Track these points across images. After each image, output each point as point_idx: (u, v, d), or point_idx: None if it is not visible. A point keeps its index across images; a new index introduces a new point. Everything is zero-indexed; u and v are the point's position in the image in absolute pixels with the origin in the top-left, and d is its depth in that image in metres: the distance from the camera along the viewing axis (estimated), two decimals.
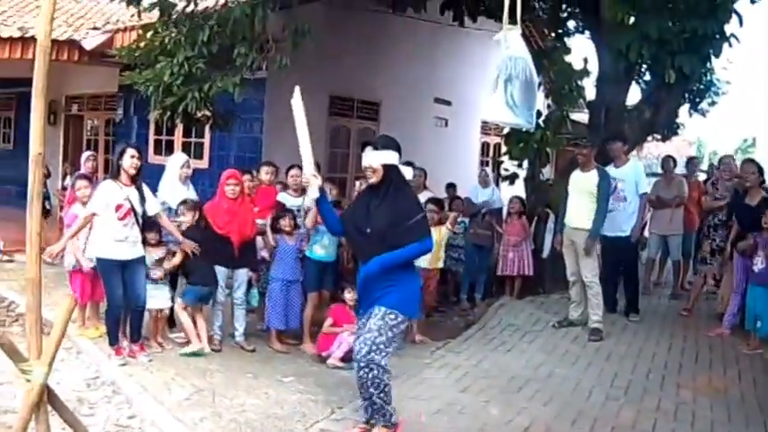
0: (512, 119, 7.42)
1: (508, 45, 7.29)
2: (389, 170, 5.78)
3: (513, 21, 7.25)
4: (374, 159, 5.78)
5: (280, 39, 9.23)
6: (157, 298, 8.15)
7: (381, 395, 5.64)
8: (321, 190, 5.98)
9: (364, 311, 5.84)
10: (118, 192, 7.55)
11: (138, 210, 7.67)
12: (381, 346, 5.58)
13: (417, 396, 7.00)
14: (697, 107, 15.79)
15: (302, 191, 8.88)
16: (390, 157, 5.80)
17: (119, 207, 7.51)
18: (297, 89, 6.03)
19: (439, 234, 9.14)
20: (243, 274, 8.50)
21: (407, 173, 6.15)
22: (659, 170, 12.78)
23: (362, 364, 5.58)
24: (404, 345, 8.27)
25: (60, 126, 18.39)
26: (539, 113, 10.42)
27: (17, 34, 13.15)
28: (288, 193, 9.27)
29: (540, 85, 10.73)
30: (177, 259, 8.20)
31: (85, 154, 11.49)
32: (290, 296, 8.55)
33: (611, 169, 10.15)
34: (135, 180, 7.69)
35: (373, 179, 5.83)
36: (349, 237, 6.42)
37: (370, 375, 5.57)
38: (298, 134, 5.99)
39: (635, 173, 10.08)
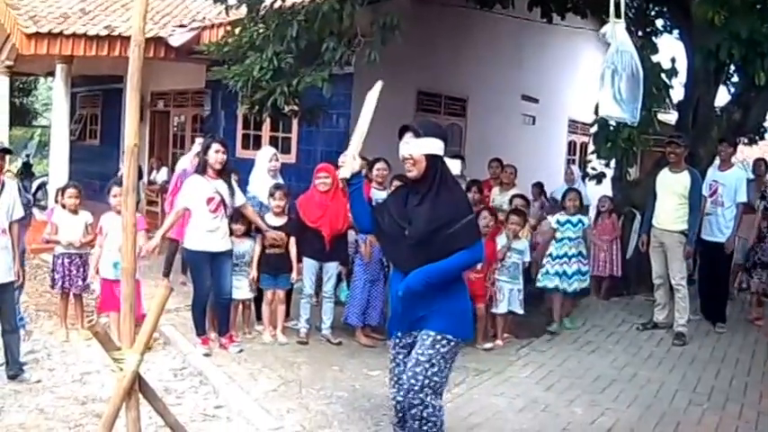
0: (619, 113, 7.39)
1: (615, 38, 7.25)
2: (433, 162, 4.96)
3: (617, 15, 7.22)
4: (415, 148, 4.96)
5: (368, 34, 9.29)
6: (242, 289, 8.38)
7: None
8: (357, 176, 5.27)
9: (402, 331, 5.13)
10: (206, 185, 7.77)
11: (228, 202, 7.90)
12: (436, 379, 4.88)
13: (502, 393, 7.07)
14: None
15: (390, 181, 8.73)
16: (435, 146, 4.98)
17: (210, 200, 7.73)
18: (379, 83, 5.54)
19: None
20: (332, 268, 8.62)
21: (455, 167, 5.35)
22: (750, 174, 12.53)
23: (415, 402, 4.86)
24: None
25: (147, 122, 18.70)
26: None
27: (104, 32, 13.47)
28: (374, 186, 9.39)
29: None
30: (257, 253, 8.39)
31: (195, 149, 11.68)
32: (371, 294, 8.66)
33: (714, 172, 10.09)
34: (222, 173, 7.89)
35: (413, 172, 5.00)
36: (382, 239, 5.56)
37: (424, 414, 4.87)
38: (359, 122, 5.40)
39: (737, 179, 9.96)
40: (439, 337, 4.87)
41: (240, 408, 6.44)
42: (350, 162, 5.22)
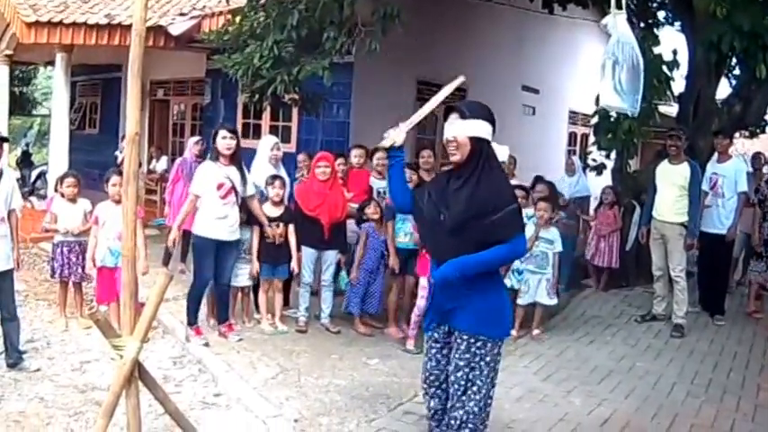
0: (619, 103, 7.40)
1: (616, 29, 7.27)
2: (479, 145, 4.64)
3: (618, 6, 7.24)
4: (460, 130, 4.65)
5: (368, 23, 9.29)
6: (241, 277, 8.42)
7: None
8: (399, 150, 5.03)
9: (436, 323, 4.88)
10: (217, 171, 7.75)
11: (239, 189, 7.88)
12: (479, 383, 4.66)
13: (500, 383, 7.02)
14: None
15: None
16: (481, 128, 4.67)
17: (220, 186, 7.71)
18: (460, 77, 5.38)
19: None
20: (332, 256, 8.63)
21: (502, 153, 4.98)
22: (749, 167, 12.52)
23: (458, 405, 4.69)
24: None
25: (146, 111, 18.69)
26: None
27: (104, 21, 13.48)
28: (373, 175, 9.41)
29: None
30: (255, 243, 8.40)
31: (194, 138, 11.71)
32: (371, 284, 8.65)
33: (713, 164, 10.12)
34: (233, 160, 7.89)
35: (457, 156, 4.67)
36: (420, 222, 5.23)
37: (465, 418, 4.67)
38: (425, 105, 5.11)
39: (736, 170, 9.99)
40: (473, 340, 4.64)
41: (239, 396, 6.48)
42: (396, 134, 4.98)
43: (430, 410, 5.03)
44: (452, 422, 4.71)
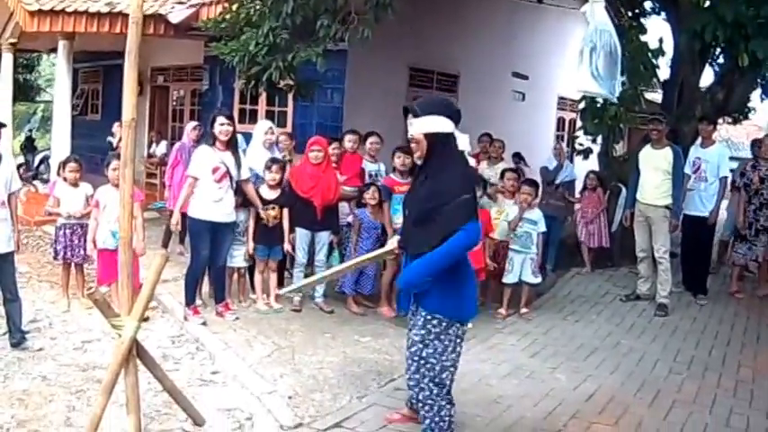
0: (596, 89, 7.42)
1: (594, 17, 7.27)
2: (436, 140, 4.74)
3: None
4: (416, 128, 4.77)
5: (362, 12, 9.27)
6: (237, 258, 8.45)
7: (434, 418, 4.87)
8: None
9: (406, 306, 5.06)
10: (213, 156, 7.77)
11: (234, 174, 7.91)
12: (432, 360, 4.78)
13: (488, 359, 7.15)
14: None
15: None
16: (434, 123, 4.74)
17: (215, 169, 7.74)
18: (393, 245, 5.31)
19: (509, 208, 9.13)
20: (325, 237, 8.62)
21: (463, 142, 5.13)
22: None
23: (412, 383, 4.92)
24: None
25: (147, 96, 18.70)
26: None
27: (105, 10, 13.42)
28: (366, 159, 9.41)
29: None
30: (251, 225, 8.42)
31: (191, 124, 11.69)
32: (367, 266, 8.55)
33: (697, 148, 10.15)
34: (230, 144, 7.91)
35: (417, 153, 4.82)
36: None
37: (420, 396, 4.86)
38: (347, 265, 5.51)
39: (719, 155, 10.02)
40: (429, 317, 4.75)
41: (235, 373, 6.50)
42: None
43: (408, 380, 5.09)
44: (414, 400, 4.95)
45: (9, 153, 12.70)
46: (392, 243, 5.27)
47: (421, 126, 4.74)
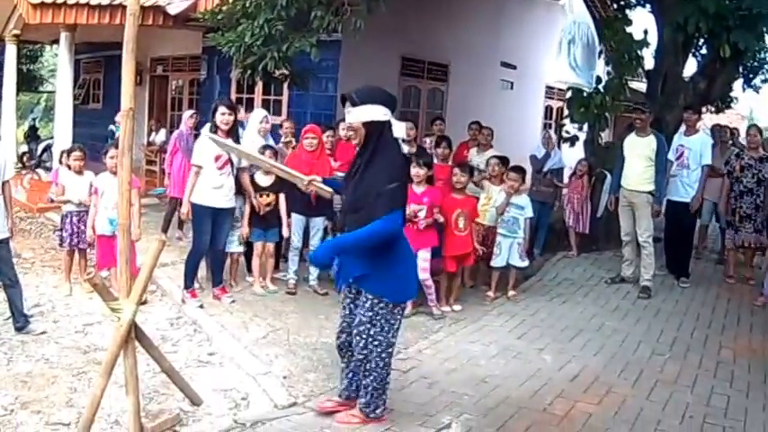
0: (575, 79, 7.44)
1: (572, 10, 7.28)
2: (372, 128, 4.77)
3: None
4: (353, 117, 4.80)
5: (354, 3, 9.26)
6: (233, 243, 8.47)
7: (376, 386, 5.05)
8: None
9: (347, 286, 5.08)
10: (214, 144, 7.77)
11: (235, 161, 7.94)
12: (380, 338, 4.93)
13: (477, 340, 7.17)
14: (750, 83, 15.41)
15: None
16: (371, 112, 4.76)
17: (217, 157, 7.76)
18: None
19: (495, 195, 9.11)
20: (319, 222, 8.65)
21: (399, 130, 4.92)
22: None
23: (360, 357, 4.98)
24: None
25: (146, 86, 18.69)
26: (599, 80, 10.41)
27: (106, 1, 13.37)
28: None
29: (601, 52, 10.70)
30: (247, 211, 8.43)
31: (188, 112, 11.67)
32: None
33: (680, 136, 10.17)
34: (230, 133, 7.90)
35: (355, 140, 4.88)
36: None
37: (367, 366, 4.98)
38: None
39: (702, 144, 9.98)
40: (376, 300, 4.89)
41: (232, 354, 6.52)
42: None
43: (339, 348, 5.27)
44: (360, 369, 5.04)
45: (4, 143, 12.68)
46: (306, 180, 5.44)
47: (359, 115, 4.77)
